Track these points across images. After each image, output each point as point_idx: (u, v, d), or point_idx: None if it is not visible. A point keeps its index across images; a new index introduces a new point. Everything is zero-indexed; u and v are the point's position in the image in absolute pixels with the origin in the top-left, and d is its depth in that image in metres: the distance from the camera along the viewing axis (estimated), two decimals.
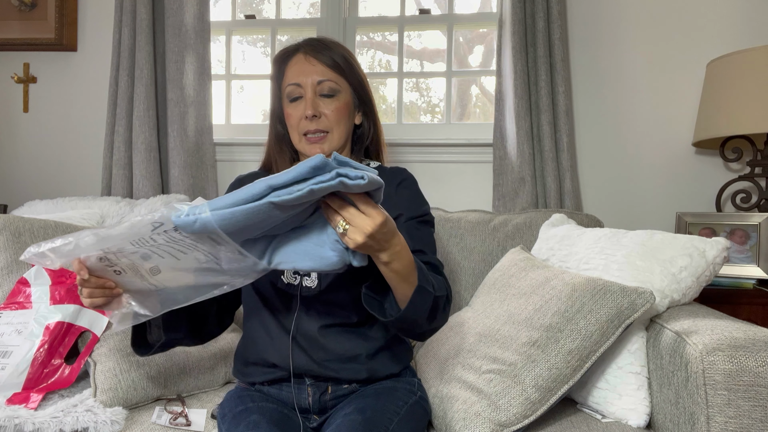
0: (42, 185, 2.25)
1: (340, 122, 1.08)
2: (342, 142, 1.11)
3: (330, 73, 1.08)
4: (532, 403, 1.02)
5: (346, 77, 1.10)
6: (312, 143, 1.08)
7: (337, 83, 1.08)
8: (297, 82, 1.08)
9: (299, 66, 1.08)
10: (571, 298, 1.09)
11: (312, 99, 1.07)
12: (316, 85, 1.07)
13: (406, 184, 1.13)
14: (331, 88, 1.07)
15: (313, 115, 1.06)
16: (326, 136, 1.08)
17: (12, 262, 1.33)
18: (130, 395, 1.16)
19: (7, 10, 2.18)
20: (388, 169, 1.17)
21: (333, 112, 1.07)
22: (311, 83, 1.07)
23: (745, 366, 0.87)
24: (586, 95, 1.95)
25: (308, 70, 1.07)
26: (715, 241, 1.18)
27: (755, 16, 1.85)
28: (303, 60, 1.08)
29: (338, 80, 1.08)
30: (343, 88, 1.10)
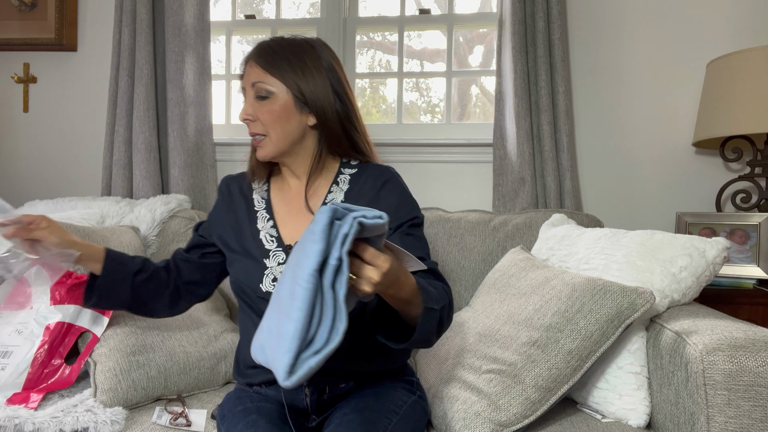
0: (42, 185, 2.25)
1: (275, 125, 1.05)
2: (285, 144, 1.07)
3: (263, 74, 1.05)
4: (532, 403, 1.02)
5: (282, 78, 1.05)
6: (255, 146, 1.09)
7: (271, 85, 1.04)
8: (242, 85, 1.09)
9: (246, 70, 1.09)
10: (571, 298, 1.09)
11: (248, 102, 1.07)
12: (252, 88, 1.06)
13: (391, 187, 1.10)
14: (266, 89, 1.05)
15: (245, 118, 1.06)
16: (264, 139, 1.07)
17: None
18: (130, 395, 1.16)
19: (7, 10, 2.18)
20: (373, 167, 1.13)
21: (265, 115, 1.05)
22: (248, 86, 1.07)
23: (745, 366, 0.87)
24: (586, 95, 1.95)
25: (248, 73, 1.07)
26: (716, 241, 1.18)
27: (755, 16, 1.85)
28: (248, 64, 1.08)
29: (272, 82, 1.04)
30: (279, 90, 1.05)
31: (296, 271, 0.69)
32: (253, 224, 1.12)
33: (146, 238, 1.74)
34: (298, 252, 0.73)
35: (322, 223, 0.68)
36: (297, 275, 0.68)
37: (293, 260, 0.74)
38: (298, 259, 0.70)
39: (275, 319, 0.73)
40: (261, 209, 1.13)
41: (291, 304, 0.68)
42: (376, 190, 1.09)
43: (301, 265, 0.68)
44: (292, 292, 0.68)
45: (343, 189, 1.11)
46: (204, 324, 1.39)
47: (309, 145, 1.10)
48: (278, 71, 1.05)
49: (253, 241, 1.09)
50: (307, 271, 0.67)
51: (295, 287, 0.68)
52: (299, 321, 0.66)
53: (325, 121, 1.07)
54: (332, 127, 1.08)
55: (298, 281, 0.67)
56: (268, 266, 1.06)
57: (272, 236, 1.09)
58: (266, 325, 0.76)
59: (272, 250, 1.07)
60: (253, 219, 1.12)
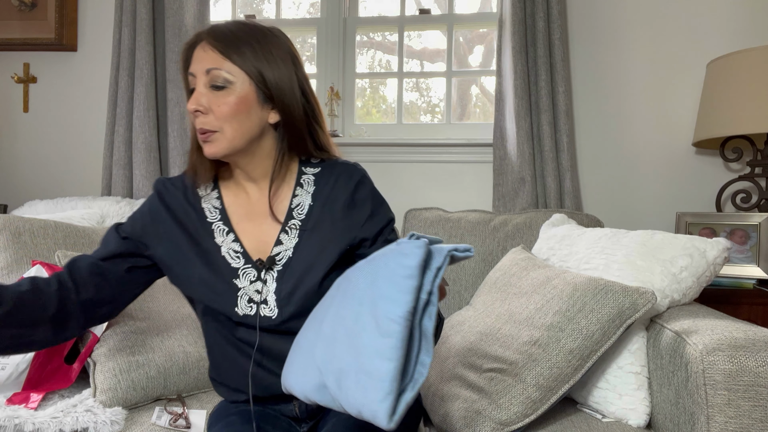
0: (42, 185, 2.25)
1: (231, 120, 0.89)
2: (240, 142, 0.91)
3: (221, 60, 0.89)
4: (533, 402, 1.02)
5: (244, 65, 0.89)
6: (203, 142, 0.92)
7: (230, 73, 0.89)
8: (191, 72, 0.92)
9: (196, 53, 0.92)
10: (572, 297, 1.09)
11: (199, 91, 0.90)
12: (205, 75, 0.89)
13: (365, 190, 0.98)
14: (224, 78, 0.88)
15: (195, 110, 0.89)
16: (214, 135, 0.90)
17: (12, 262, 1.33)
18: (129, 395, 1.16)
19: (7, 10, 2.18)
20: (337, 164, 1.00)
21: (221, 108, 0.89)
22: (201, 72, 0.90)
23: (745, 366, 0.87)
24: (586, 95, 1.95)
25: (201, 57, 0.90)
26: (716, 242, 1.18)
27: (755, 16, 1.85)
28: (200, 48, 0.92)
29: (232, 69, 0.89)
30: (239, 79, 0.89)
31: (382, 303, 0.66)
32: (209, 239, 0.96)
33: None
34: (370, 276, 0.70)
35: (418, 258, 0.65)
36: (386, 310, 0.65)
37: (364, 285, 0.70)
38: (380, 290, 0.67)
39: (351, 355, 0.67)
40: (216, 221, 0.97)
41: (385, 343, 0.64)
42: (349, 192, 0.97)
43: (392, 301, 0.65)
44: (382, 328, 0.64)
45: (309, 191, 0.98)
46: None
47: (267, 145, 0.96)
48: (240, 57, 0.89)
49: (214, 260, 0.95)
50: (405, 308, 0.64)
51: (388, 324, 0.64)
52: (398, 361, 0.63)
53: (290, 118, 0.93)
54: (298, 125, 0.95)
55: (393, 319, 0.64)
56: (240, 287, 0.93)
57: (236, 252, 0.95)
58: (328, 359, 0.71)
59: (241, 268, 0.94)
60: (208, 233, 0.97)
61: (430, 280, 0.66)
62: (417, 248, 0.66)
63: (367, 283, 0.70)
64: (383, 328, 0.64)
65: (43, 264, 1.26)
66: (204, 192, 1.00)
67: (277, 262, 0.94)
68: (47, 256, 1.36)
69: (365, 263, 0.74)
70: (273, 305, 0.93)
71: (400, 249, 0.68)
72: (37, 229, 1.39)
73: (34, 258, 1.35)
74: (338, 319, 0.72)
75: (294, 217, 0.96)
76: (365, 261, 0.75)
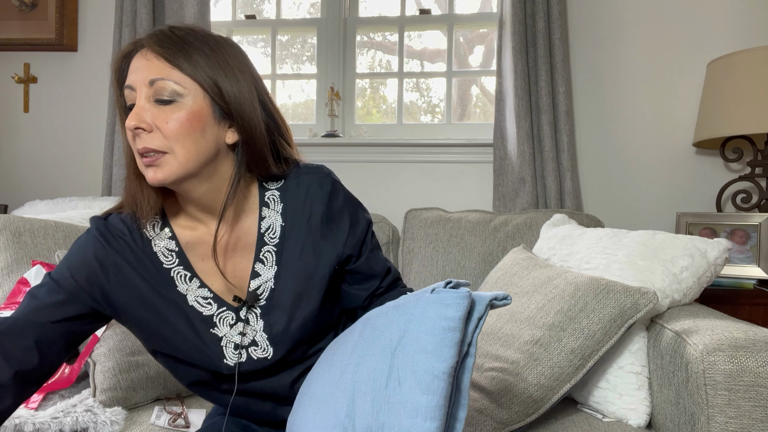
0: (42, 185, 2.25)
1: (184, 138, 0.74)
2: (195, 166, 0.76)
3: (168, 69, 0.74)
4: (534, 401, 1.02)
5: (195, 77, 0.75)
6: (147, 166, 0.75)
7: (180, 84, 0.74)
8: (129, 84, 0.76)
9: (135, 62, 0.77)
10: (574, 297, 1.09)
11: (141, 106, 0.74)
12: (149, 87, 0.74)
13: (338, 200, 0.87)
14: (169, 90, 0.74)
15: (136, 126, 0.73)
16: (162, 157, 0.74)
17: (12, 262, 1.33)
18: (129, 395, 1.16)
19: (8, 10, 2.18)
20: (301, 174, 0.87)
21: (170, 125, 0.74)
22: (143, 83, 0.75)
23: (746, 366, 0.87)
24: (587, 95, 1.95)
25: (141, 67, 0.75)
26: (717, 242, 1.18)
27: (755, 16, 1.85)
28: (140, 55, 0.76)
29: (181, 80, 0.75)
30: (191, 91, 0.75)
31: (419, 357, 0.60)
32: (170, 289, 0.82)
33: None
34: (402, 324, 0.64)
35: (462, 309, 0.60)
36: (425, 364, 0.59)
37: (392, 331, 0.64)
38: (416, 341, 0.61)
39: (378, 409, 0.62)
40: (174, 266, 0.83)
41: (424, 400, 0.58)
42: (324, 203, 0.85)
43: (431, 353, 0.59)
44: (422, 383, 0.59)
45: (277, 210, 0.85)
46: None
47: (223, 169, 0.81)
48: (191, 65, 0.75)
49: (184, 312, 0.82)
50: (449, 363, 0.58)
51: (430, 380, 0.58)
52: (441, 420, 0.58)
53: (250, 137, 0.79)
54: (259, 145, 0.80)
55: (437, 374, 0.58)
56: (220, 335, 0.82)
57: (206, 298, 0.83)
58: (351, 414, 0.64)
59: (215, 314, 0.82)
60: (168, 282, 0.82)
61: (471, 332, 0.62)
62: (461, 299, 0.61)
63: (400, 332, 0.64)
64: (424, 384, 0.59)
65: (43, 264, 1.26)
66: (153, 232, 0.83)
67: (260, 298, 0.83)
68: (47, 256, 1.36)
69: (393, 310, 0.68)
70: (265, 345, 0.83)
71: (441, 298, 0.62)
72: (37, 229, 1.39)
73: (34, 258, 1.35)
74: (365, 370, 0.65)
75: (267, 242, 0.84)
76: (392, 307, 0.69)
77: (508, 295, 0.65)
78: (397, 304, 0.69)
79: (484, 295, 0.64)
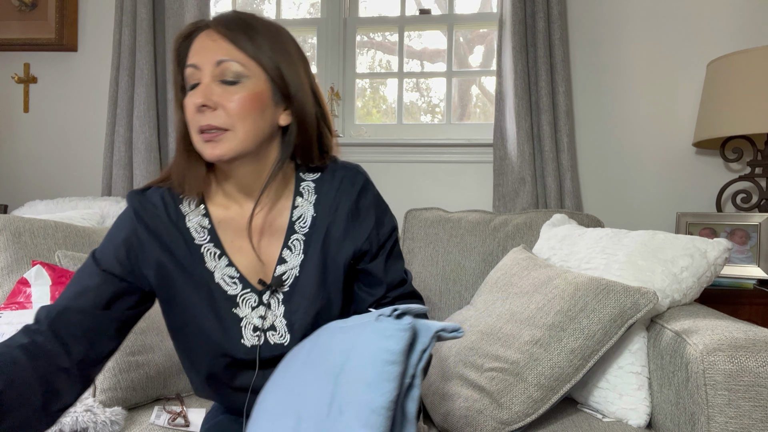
0: (42, 185, 2.25)
1: (245, 117, 0.78)
2: (252, 144, 0.80)
3: (236, 52, 0.79)
4: (534, 401, 1.02)
5: (259, 60, 0.80)
6: (206, 141, 0.79)
7: (245, 67, 0.79)
8: (193, 63, 0.80)
9: (199, 43, 0.81)
10: (574, 297, 1.09)
11: (207, 85, 0.78)
12: (215, 67, 0.78)
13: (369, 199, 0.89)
14: (235, 72, 0.78)
15: (203, 104, 0.77)
16: (224, 134, 0.78)
17: (12, 262, 1.33)
18: (129, 395, 1.16)
19: (8, 10, 2.18)
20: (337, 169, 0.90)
21: (235, 104, 0.78)
22: (209, 63, 0.78)
23: (746, 366, 0.87)
24: (587, 95, 1.95)
25: (208, 47, 0.79)
26: (717, 242, 1.18)
27: (755, 16, 1.85)
28: (205, 36, 0.81)
29: (246, 63, 0.79)
30: (254, 73, 0.79)
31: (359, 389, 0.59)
32: (199, 265, 0.84)
33: None
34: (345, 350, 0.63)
35: (402, 342, 0.59)
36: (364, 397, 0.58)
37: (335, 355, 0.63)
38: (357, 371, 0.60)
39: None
40: (205, 242, 0.85)
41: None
42: (352, 199, 0.88)
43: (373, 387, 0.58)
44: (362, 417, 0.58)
45: (310, 201, 0.88)
46: None
47: (271, 151, 0.85)
48: (256, 50, 0.80)
49: (209, 289, 0.83)
50: (388, 398, 0.57)
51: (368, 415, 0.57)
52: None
53: (302, 122, 0.84)
54: (309, 130, 0.85)
55: (375, 408, 0.57)
56: (241, 316, 0.83)
57: (232, 278, 0.84)
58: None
59: (239, 295, 0.84)
60: (197, 258, 0.84)
61: (414, 364, 0.61)
62: (401, 331, 0.60)
63: (343, 358, 0.63)
64: (363, 417, 0.57)
65: (43, 264, 1.26)
66: (188, 208, 0.86)
67: (284, 283, 0.85)
68: (47, 256, 1.36)
69: (340, 332, 0.67)
70: (283, 330, 0.84)
71: (383, 329, 0.61)
72: (37, 229, 1.39)
73: (34, 258, 1.35)
74: (310, 393, 0.64)
75: (296, 231, 0.86)
76: (340, 329, 0.68)
77: (459, 327, 0.64)
78: (344, 326, 0.68)
79: (432, 325, 0.63)
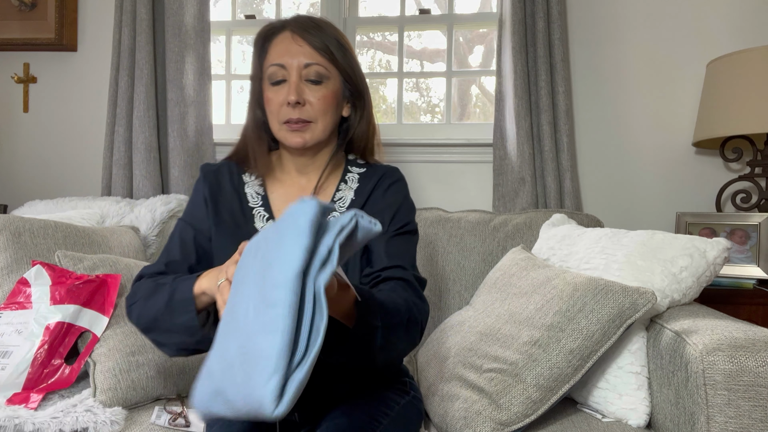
0: (42, 185, 2.25)
1: (326, 112, 0.97)
2: (326, 134, 1.00)
3: (319, 56, 0.96)
4: (534, 402, 1.02)
5: (336, 63, 0.98)
6: (293, 131, 0.97)
7: (327, 69, 0.97)
8: (281, 63, 0.96)
9: (285, 45, 0.97)
10: (572, 297, 1.09)
11: (296, 84, 0.95)
12: (302, 69, 0.96)
13: (397, 188, 1.04)
14: (318, 73, 0.96)
15: (297, 101, 0.95)
16: (309, 125, 0.97)
17: (12, 262, 1.33)
18: (129, 395, 1.16)
19: (7, 10, 2.18)
20: (381, 167, 1.08)
21: (319, 101, 0.96)
22: (297, 66, 0.95)
23: (745, 366, 0.87)
24: (586, 95, 1.95)
25: (294, 50, 0.96)
26: (716, 242, 1.18)
27: (755, 16, 1.85)
28: (290, 39, 0.97)
29: (327, 66, 0.97)
30: (333, 74, 0.98)
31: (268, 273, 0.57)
32: (249, 224, 1.00)
33: (146, 238, 1.74)
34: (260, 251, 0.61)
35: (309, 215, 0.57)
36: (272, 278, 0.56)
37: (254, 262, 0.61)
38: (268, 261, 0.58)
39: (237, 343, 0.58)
40: (257, 206, 1.02)
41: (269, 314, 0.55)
42: (385, 187, 1.04)
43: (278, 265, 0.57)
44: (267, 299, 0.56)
45: (352, 188, 1.04)
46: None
47: (331, 138, 1.04)
48: (331, 55, 0.97)
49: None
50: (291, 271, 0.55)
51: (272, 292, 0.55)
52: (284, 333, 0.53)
53: (363, 117, 1.03)
54: (365, 124, 1.04)
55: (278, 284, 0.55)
56: None
57: None
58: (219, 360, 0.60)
59: None
60: (248, 217, 1.00)
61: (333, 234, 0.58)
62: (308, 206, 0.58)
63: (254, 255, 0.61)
64: (268, 298, 0.55)
65: (43, 264, 1.26)
66: (249, 178, 1.05)
67: None
68: (47, 256, 1.36)
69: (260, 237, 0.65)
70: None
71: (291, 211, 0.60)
72: (37, 229, 1.39)
73: (34, 258, 1.35)
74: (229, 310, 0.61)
75: (335, 209, 1.01)
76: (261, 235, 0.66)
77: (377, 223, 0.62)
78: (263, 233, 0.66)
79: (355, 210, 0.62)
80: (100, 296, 1.25)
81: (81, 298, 1.22)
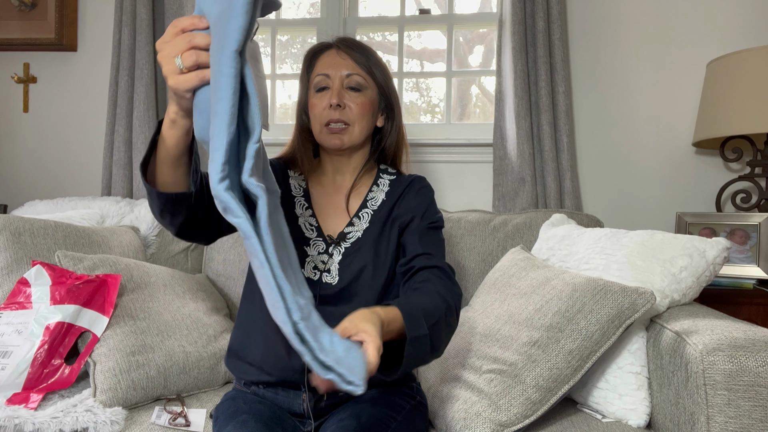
0: (42, 185, 2.25)
1: (362, 117, 1.10)
2: (361, 138, 1.12)
3: (359, 68, 1.10)
4: (533, 403, 1.02)
5: (373, 76, 1.12)
6: (332, 133, 1.09)
7: (365, 79, 1.11)
8: (326, 73, 1.10)
9: (330, 59, 1.11)
10: (571, 298, 1.09)
11: (339, 89, 1.08)
12: (344, 78, 1.09)
13: (425, 192, 1.16)
14: (358, 82, 1.10)
15: (338, 104, 1.07)
16: (347, 128, 1.09)
17: (12, 262, 1.33)
18: (129, 395, 1.16)
19: (7, 10, 2.18)
20: (410, 175, 1.19)
21: (357, 106, 1.09)
22: (339, 75, 1.10)
23: (745, 366, 0.87)
24: (586, 95, 1.95)
25: (338, 63, 1.10)
26: (716, 242, 1.18)
27: (755, 16, 1.85)
28: (335, 54, 1.12)
29: (366, 77, 1.11)
30: (370, 85, 1.12)
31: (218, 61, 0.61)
32: (289, 209, 1.11)
33: (146, 238, 1.74)
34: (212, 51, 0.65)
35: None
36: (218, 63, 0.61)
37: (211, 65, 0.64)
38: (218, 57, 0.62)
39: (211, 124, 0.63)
40: (299, 196, 1.14)
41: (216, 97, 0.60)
42: (415, 190, 1.15)
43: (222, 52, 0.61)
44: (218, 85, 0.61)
45: (383, 190, 1.15)
46: (203, 324, 1.39)
47: (365, 145, 1.17)
48: (372, 68, 1.12)
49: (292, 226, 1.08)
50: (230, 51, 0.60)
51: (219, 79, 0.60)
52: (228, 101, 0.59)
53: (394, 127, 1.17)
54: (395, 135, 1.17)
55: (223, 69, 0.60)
56: (308, 254, 1.06)
57: (312, 225, 1.09)
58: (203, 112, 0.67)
59: (312, 239, 1.07)
60: (289, 203, 1.12)
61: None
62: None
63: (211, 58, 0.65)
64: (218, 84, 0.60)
65: (43, 264, 1.26)
66: (293, 173, 1.17)
67: (347, 240, 1.08)
68: (47, 256, 1.36)
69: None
70: (335, 273, 1.05)
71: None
72: (37, 229, 1.39)
73: (34, 258, 1.35)
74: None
75: (367, 207, 1.13)
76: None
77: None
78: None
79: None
80: (100, 296, 1.25)
81: (81, 298, 1.22)
